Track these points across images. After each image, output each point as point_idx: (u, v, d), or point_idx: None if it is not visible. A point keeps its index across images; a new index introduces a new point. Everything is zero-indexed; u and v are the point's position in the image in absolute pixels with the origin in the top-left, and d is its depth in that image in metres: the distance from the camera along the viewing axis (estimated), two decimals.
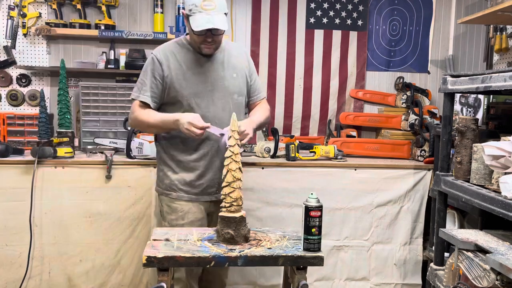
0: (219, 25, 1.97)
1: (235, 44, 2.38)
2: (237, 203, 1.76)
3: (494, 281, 1.54)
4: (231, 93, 2.19)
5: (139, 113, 2.14)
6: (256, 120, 2.20)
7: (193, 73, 2.13)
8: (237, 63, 2.23)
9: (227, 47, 2.23)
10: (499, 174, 1.77)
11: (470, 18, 2.70)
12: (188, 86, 2.12)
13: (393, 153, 3.25)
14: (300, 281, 1.67)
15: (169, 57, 2.14)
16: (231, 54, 2.22)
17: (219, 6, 1.99)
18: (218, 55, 2.18)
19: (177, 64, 2.13)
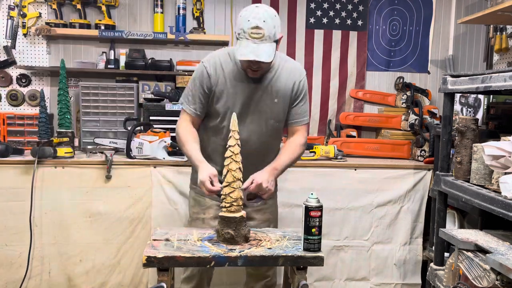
0: (263, 58, 1.84)
1: (291, 64, 2.12)
2: (237, 203, 1.76)
3: (494, 281, 1.54)
4: (267, 118, 2.08)
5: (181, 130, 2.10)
6: (280, 165, 2.07)
7: (234, 91, 2.04)
8: (283, 88, 2.07)
9: (280, 67, 2.08)
10: (499, 174, 1.77)
11: (470, 18, 2.70)
12: (226, 103, 2.04)
13: (393, 153, 3.25)
14: (300, 281, 1.67)
15: (217, 69, 2.04)
16: (280, 76, 2.07)
17: (268, 34, 1.84)
18: (265, 76, 2.05)
19: (223, 78, 2.03)
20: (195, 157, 2.02)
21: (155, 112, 3.09)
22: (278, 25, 1.89)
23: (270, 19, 1.84)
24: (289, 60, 2.15)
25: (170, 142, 2.87)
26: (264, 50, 1.83)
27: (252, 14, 1.83)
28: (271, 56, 1.86)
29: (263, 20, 1.82)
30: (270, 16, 1.85)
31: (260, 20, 1.81)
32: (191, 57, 3.46)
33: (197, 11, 3.40)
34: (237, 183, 1.76)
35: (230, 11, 3.50)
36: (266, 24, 1.82)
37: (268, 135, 2.12)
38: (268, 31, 1.83)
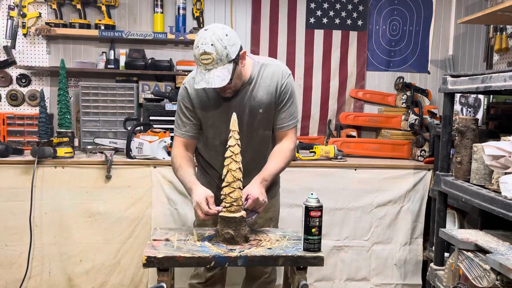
0: (215, 84, 1.78)
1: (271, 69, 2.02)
2: (237, 203, 1.76)
3: (494, 281, 1.54)
4: (256, 129, 2.05)
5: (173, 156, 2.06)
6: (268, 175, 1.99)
7: (218, 110, 2.00)
8: (265, 96, 2.00)
9: (259, 76, 2.01)
10: (499, 174, 1.77)
11: (470, 18, 2.70)
12: (212, 123, 2.02)
13: (393, 153, 3.25)
14: (300, 281, 1.67)
15: (198, 90, 1.98)
16: (260, 85, 2.00)
17: (218, 57, 1.77)
18: (243, 89, 1.99)
19: (204, 97, 2.00)
20: (188, 180, 1.97)
21: (155, 112, 3.09)
22: (232, 43, 1.80)
23: (219, 40, 1.76)
24: (269, 64, 2.04)
25: (170, 142, 2.87)
26: (215, 75, 1.78)
27: (201, 39, 1.77)
28: (226, 79, 1.79)
29: (211, 44, 1.75)
30: (219, 37, 1.76)
31: (207, 45, 1.75)
32: (191, 57, 3.46)
33: (197, 11, 3.40)
34: (237, 183, 1.75)
35: (230, 11, 3.50)
36: (214, 47, 1.75)
37: (259, 144, 2.09)
38: (217, 54, 1.76)
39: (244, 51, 1.88)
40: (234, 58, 1.81)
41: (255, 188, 1.92)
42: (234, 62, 1.82)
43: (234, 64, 1.82)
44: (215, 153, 2.09)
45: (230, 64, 1.80)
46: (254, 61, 2.02)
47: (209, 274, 2.22)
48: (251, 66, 2.00)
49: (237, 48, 1.82)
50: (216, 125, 2.02)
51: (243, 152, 1.99)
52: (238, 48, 1.83)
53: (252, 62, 2.01)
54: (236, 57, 1.82)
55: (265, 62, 2.05)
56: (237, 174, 1.75)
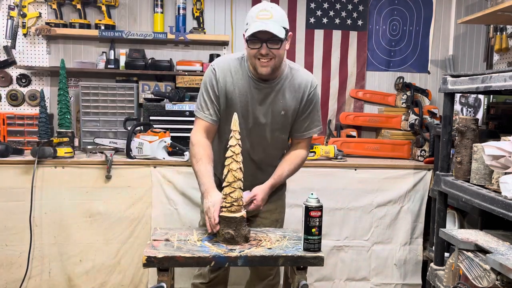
0: (273, 30, 1.76)
1: (300, 75, 2.02)
2: (237, 203, 1.76)
3: (494, 281, 1.54)
4: (273, 130, 2.03)
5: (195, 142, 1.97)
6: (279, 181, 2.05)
7: (241, 101, 1.97)
8: (291, 100, 2.00)
9: (289, 78, 2.00)
10: (499, 174, 1.77)
11: (470, 18, 2.70)
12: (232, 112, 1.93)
13: (393, 153, 3.25)
14: (300, 281, 1.67)
15: (226, 76, 1.97)
16: (289, 87, 1.99)
17: (277, 16, 1.81)
18: (272, 85, 1.97)
19: (231, 85, 1.97)
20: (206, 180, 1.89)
21: (155, 112, 3.09)
22: (286, 17, 1.88)
23: (277, 8, 1.85)
24: (299, 70, 2.05)
25: (170, 142, 2.87)
26: (273, 25, 1.78)
27: (259, 5, 1.85)
28: (281, 34, 1.80)
29: (271, 6, 1.83)
30: (277, 8, 1.85)
31: (267, 5, 1.83)
32: (191, 57, 3.46)
33: (197, 11, 3.40)
34: (238, 183, 1.76)
35: (230, 11, 3.50)
36: (274, 9, 1.82)
37: (273, 146, 2.08)
38: (276, 15, 1.81)
39: (291, 33, 1.91)
40: (287, 28, 1.85)
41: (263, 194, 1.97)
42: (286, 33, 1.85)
43: (285, 34, 1.84)
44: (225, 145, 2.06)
45: (284, 30, 1.83)
46: (286, 62, 2.01)
47: (213, 275, 2.23)
48: (284, 65, 1.99)
49: (287, 23, 1.87)
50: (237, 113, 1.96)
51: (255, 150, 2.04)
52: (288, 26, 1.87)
53: (284, 63, 2.00)
54: (287, 31, 1.86)
55: (294, 67, 2.05)
56: (237, 174, 1.75)
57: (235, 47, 3.51)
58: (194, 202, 2.85)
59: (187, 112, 3.07)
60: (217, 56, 3.38)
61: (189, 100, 3.30)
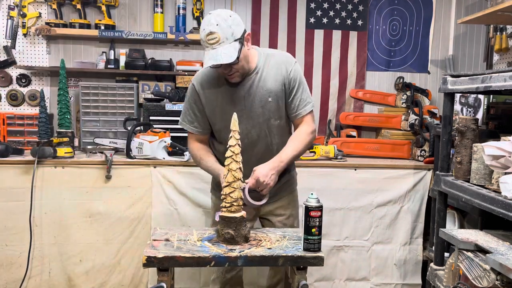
0: (223, 60, 1.81)
1: (276, 58, 2.06)
2: (237, 203, 1.76)
3: (494, 281, 1.54)
4: (266, 119, 2.05)
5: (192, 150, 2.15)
6: (285, 157, 2.01)
7: (226, 103, 2.03)
8: (273, 84, 2.03)
9: (265, 64, 2.04)
10: (499, 174, 1.77)
11: (470, 18, 2.70)
12: (220, 118, 2.05)
13: (393, 153, 3.25)
14: (300, 281, 1.67)
15: (204, 85, 2.05)
16: (268, 74, 2.03)
17: (224, 36, 1.82)
18: (251, 78, 2.02)
19: (211, 92, 2.04)
20: (213, 167, 2.05)
21: (155, 112, 3.09)
22: (237, 23, 1.86)
23: (223, 21, 1.83)
24: (275, 54, 2.09)
25: (170, 142, 2.87)
26: (222, 52, 1.82)
27: (206, 22, 1.85)
28: (233, 56, 1.83)
29: (216, 24, 1.82)
30: (223, 18, 1.84)
31: (212, 25, 1.82)
32: (191, 57, 3.46)
33: (197, 11, 3.41)
34: (237, 183, 1.76)
35: None
36: (219, 27, 1.82)
37: (273, 134, 2.09)
38: (223, 33, 1.82)
39: (248, 33, 1.94)
40: (239, 37, 1.86)
41: (263, 168, 1.94)
42: (239, 42, 1.87)
43: (240, 44, 1.87)
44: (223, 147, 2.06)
45: (236, 43, 1.86)
46: (259, 52, 2.06)
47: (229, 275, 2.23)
48: (257, 56, 2.04)
49: (241, 29, 1.88)
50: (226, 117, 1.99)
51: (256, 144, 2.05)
52: (242, 29, 1.89)
53: (258, 53, 2.05)
54: (242, 37, 1.88)
55: (270, 52, 2.09)
56: (237, 174, 1.75)
57: None
58: (194, 202, 2.85)
59: None
60: None
61: None
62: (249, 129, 2.05)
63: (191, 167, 2.84)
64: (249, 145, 2.05)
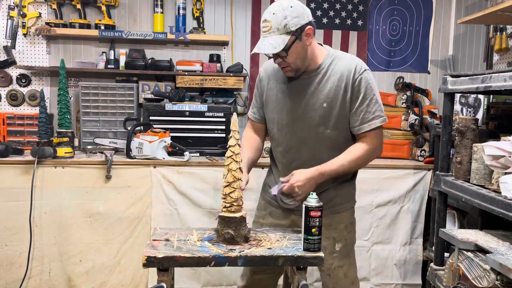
0: (265, 49, 1.74)
1: (344, 62, 1.88)
2: (237, 203, 1.75)
3: (494, 281, 1.54)
4: (315, 125, 1.88)
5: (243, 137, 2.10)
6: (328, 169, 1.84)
7: (282, 96, 1.94)
8: (333, 90, 1.85)
9: (330, 67, 1.88)
10: (499, 174, 1.77)
11: (470, 18, 2.70)
12: (273, 109, 1.96)
13: (393, 153, 3.25)
14: (300, 281, 1.67)
15: (269, 73, 2.00)
16: (330, 77, 1.87)
17: (276, 26, 1.74)
18: (310, 77, 1.89)
19: (274, 82, 1.97)
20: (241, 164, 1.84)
21: (155, 112, 3.09)
22: (296, 15, 1.75)
23: (281, 10, 1.74)
24: (344, 57, 1.91)
25: (170, 142, 2.87)
26: (268, 42, 1.75)
27: (267, 10, 1.79)
28: (277, 47, 1.73)
29: (273, 12, 1.75)
30: (282, 7, 1.75)
31: (269, 13, 1.76)
32: (191, 57, 3.46)
33: (197, 11, 3.40)
34: (237, 183, 1.75)
35: (230, 11, 3.50)
36: (275, 16, 1.74)
37: (320, 144, 1.90)
38: (276, 23, 1.74)
39: (310, 27, 1.79)
40: (294, 30, 1.75)
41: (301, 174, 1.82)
42: (293, 35, 1.76)
43: (294, 37, 1.76)
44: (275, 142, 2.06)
45: (288, 36, 1.75)
46: (328, 52, 1.91)
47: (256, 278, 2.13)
48: (323, 55, 1.89)
49: (300, 21, 1.76)
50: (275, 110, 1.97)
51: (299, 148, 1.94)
52: (301, 22, 1.76)
53: (326, 52, 1.91)
54: (298, 30, 1.76)
55: (339, 55, 1.92)
56: (237, 174, 1.75)
57: (235, 47, 3.51)
58: (194, 202, 2.85)
59: (187, 112, 3.07)
60: (217, 56, 3.39)
61: (189, 100, 3.30)
62: (295, 130, 1.92)
63: (191, 167, 2.84)
64: (293, 147, 1.95)
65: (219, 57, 3.41)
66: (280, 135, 1.98)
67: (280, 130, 1.97)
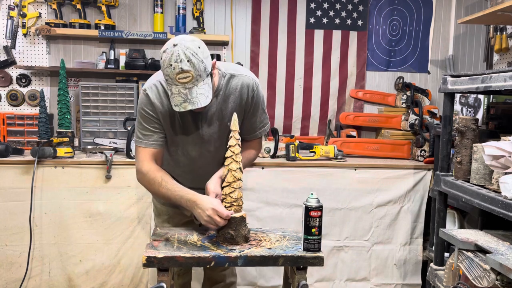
0: (200, 103, 1.65)
1: (239, 80, 1.88)
2: (237, 203, 1.76)
3: (494, 281, 1.54)
4: (221, 143, 1.90)
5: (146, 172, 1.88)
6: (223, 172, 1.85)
7: (183, 122, 1.86)
8: (234, 109, 1.88)
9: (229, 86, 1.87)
10: (499, 174, 1.77)
11: (470, 18, 2.70)
12: (176, 137, 1.89)
13: (393, 153, 3.25)
14: (300, 281, 1.67)
15: (161, 97, 1.82)
16: (229, 96, 1.87)
17: (198, 73, 1.63)
18: (214, 101, 1.84)
19: (167, 106, 1.82)
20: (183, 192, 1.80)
21: None
22: (206, 55, 1.67)
23: (193, 56, 1.61)
24: (237, 75, 1.89)
25: None
26: (198, 93, 1.64)
27: (173, 57, 1.60)
28: (209, 96, 1.67)
29: (187, 60, 1.60)
30: (193, 52, 1.62)
31: (183, 62, 1.60)
32: None
33: (197, 11, 3.40)
34: (238, 183, 1.76)
35: (230, 11, 3.50)
36: (191, 63, 1.61)
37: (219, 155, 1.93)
38: (197, 71, 1.62)
39: (214, 60, 1.75)
40: (210, 70, 1.69)
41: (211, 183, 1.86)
42: (210, 75, 1.71)
43: (210, 76, 1.71)
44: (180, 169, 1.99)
45: (208, 78, 1.69)
46: (221, 71, 1.87)
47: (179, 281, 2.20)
48: (217, 77, 1.84)
49: (210, 60, 1.70)
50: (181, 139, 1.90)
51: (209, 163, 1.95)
52: (210, 58, 1.71)
53: (219, 73, 1.86)
54: (211, 68, 1.71)
55: (233, 72, 1.90)
56: (237, 174, 1.75)
57: (235, 47, 3.51)
58: None
59: None
60: (217, 56, 3.39)
61: None
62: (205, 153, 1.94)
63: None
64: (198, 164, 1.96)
65: (219, 57, 3.41)
66: (185, 158, 1.95)
67: (184, 155, 1.93)
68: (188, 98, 1.65)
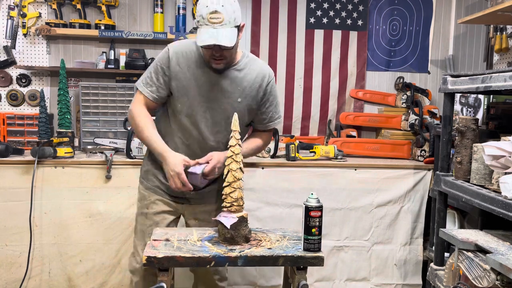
0: (224, 41, 1.76)
1: (259, 65, 2.04)
2: (237, 203, 1.76)
3: (494, 281, 1.54)
4: (228, 117, 1.94)
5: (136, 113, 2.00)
6: None
7: (196, 84, 1.95)
8: (248, 88, 2.00)
9: (247, 66, 2.01)
10: (499, 174, 1.77)
11: (470, 18, 2.70)
12: (185, 95, 1.96)
13: (393, 153, 3.25)
14: (300, 281, 1.67)
15: (180, 58, 1.95)
16: (246, 75, 1.99)
17: (228, 19, 1.77)
18: (231, 72, 1.97)
19: (185, 67, 1.95)
20: (159, 144, 1.95)
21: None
22: (239, 10, 1.84)
23: (228, 4, 1.79)
24: (257, 61, 2.07)
25: None
26: (224, 34, 1.77)
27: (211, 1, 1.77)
28: (233, 41, 1.79)
29: (222, 4, 1.77)
30: (229, 1, 1.80)
31: (218, 4, 1.77)
32: None
33: None
34: (238, 183, 1.76)
35: None
36: (225, 8, 1.77)
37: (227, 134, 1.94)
38: (228, 16, 1.77)
39: (243, 23, 1.91)
40: (238, 24, 1.83)
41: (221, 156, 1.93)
42: (238, 29, 1.84)
43: (237, 31, 1.84)
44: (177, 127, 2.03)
45: (236, 30, 1.82)
46: (244, 52, 2.04)
47: None
48: (240, 54, 2.01)
49: (240, 17, 1.85)
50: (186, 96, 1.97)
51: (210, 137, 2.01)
52: (240, 18, 1.86)
53: (242, 52, 2.02)
54: (240, 25, 1.85)
55: (252, 57, 2.07)
56: (237, 174, 1.75)
57: None
58: None
59: None
60: None
61: None
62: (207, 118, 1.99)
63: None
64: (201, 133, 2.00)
65: None
66: (188, 122, 1.99)
67: (188, 116, 1.98)
68: (214, 36, 1.76)
